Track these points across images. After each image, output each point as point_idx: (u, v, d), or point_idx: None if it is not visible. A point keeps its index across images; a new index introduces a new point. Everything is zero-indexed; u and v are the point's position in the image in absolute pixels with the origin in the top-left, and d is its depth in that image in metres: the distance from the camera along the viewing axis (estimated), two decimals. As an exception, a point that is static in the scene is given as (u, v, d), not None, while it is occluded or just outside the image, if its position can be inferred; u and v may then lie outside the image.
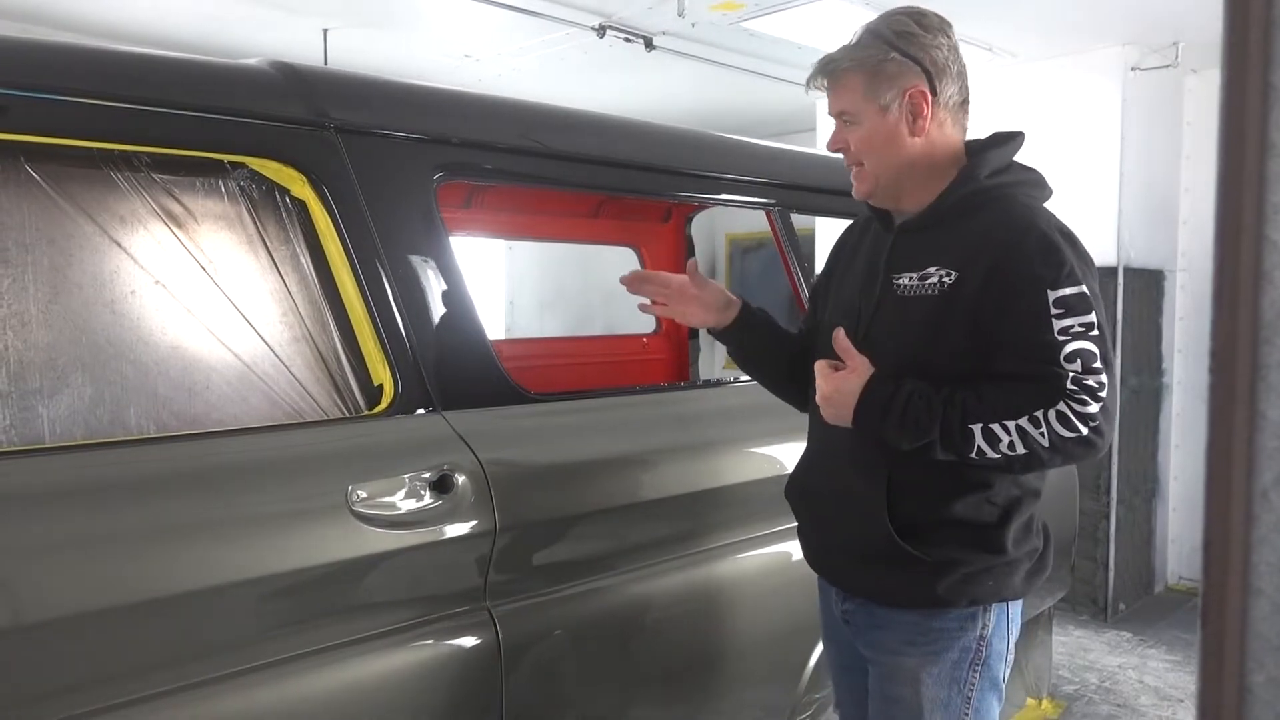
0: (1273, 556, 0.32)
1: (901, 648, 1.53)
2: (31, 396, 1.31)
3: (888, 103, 1.47)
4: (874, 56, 1.47)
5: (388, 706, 1.45)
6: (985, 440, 1.35)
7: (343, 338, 1.59)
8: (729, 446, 2.05)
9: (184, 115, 1.46)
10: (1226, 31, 0.33)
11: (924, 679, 1.51)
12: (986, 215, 1.46)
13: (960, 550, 1.47)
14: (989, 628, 1.51)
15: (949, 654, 1.50)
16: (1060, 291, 1.36)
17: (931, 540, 1.48)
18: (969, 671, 1.50)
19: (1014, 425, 1.34)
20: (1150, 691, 3.69)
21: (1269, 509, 0.32)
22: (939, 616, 1.50)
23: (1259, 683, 0.32)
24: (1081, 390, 1.33)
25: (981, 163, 1.48)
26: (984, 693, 1.52)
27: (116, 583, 1.22)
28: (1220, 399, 0.34)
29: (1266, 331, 0.31)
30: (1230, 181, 0.32)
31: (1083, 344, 1.35)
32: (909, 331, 1.47)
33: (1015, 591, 1.51)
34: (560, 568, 1.69)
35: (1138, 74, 4.33)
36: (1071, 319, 1.35)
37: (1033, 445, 1.34)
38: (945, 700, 1.50)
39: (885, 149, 1.49)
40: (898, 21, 1.49)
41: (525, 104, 2.05)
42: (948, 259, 1.45)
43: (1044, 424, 1.33)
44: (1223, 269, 0.33)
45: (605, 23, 4.03)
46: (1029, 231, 1.40)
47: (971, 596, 1.48)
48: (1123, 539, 4.52)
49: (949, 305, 1.43)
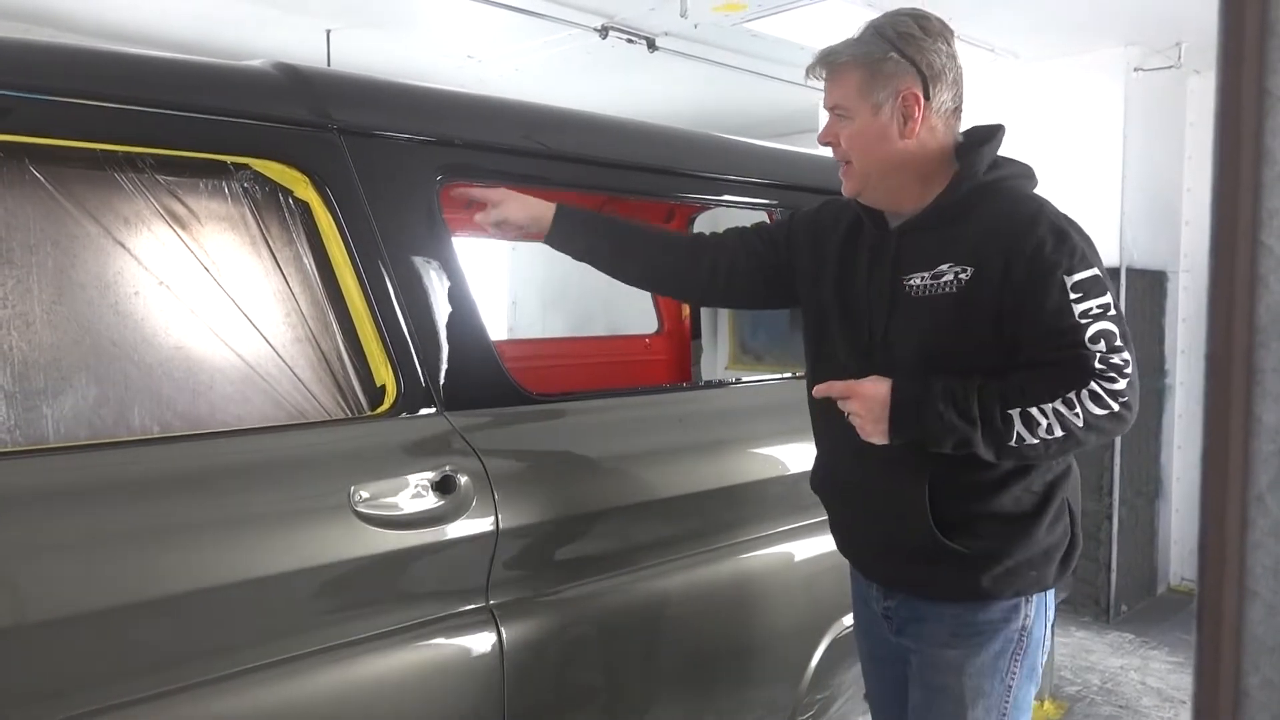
0: (1268, 560, 0.32)
1: (946, 639, 1.55)
2: (36, 397, 1.31)
3: (881, 101, 1.48)
4: (874, 54, 1.48)
5: (390, 707, 1.45)
6: (1024, 425, 1.37)
7: (345, 338, 1.59)
8: (731, 447, 2.06)
9: (187, 117, 1.47)
10: (1222, 37, 0.33)
11: (967, 669, 1.53)
12: (991, 209, 1.48)
13: (1002, 543, 1.50)
14: (1030, 618, 1.54)
15: (992, 645, 1.53)
16: (1076, 276, 1.39)
17: (973, 534, 1.50)
18: (1010, 661, 1.53)
19: (1050, 409, 1.36)
20: (1152, 693, 3.68)
21: (1264, 513, 0.32)
22: (983, 609, 1.52)
23: (1254, 685, 0.32)
24: (1109, 369, 1.37)
25: (978, 159, 1.50)
26: (1023, 681, 1.55)
27: (117, 583, 1.23)
28: (1216, 403, 0.34)
29: (1262, 336, 0.32)
30: (1226, 187, 0.32)
31: (1104, 324, 1.38)
32: (930, 331, 1.48)
33: (1055, 579, 1.54)
34: (562, 568, 1.70)
35: (1140, 75, 4.33)
36: (1089, 301, 1.39)
37: (1070, 426, 1.36)
38: (987, 690, 1.53)
39: (873, 148, 1.50)
40: (901, 22, 1.50)
41: (528, 105, 2.05)
42: (960, 255, 1.46)
43: (1078, 404, 1.36)
44: (1218, 274, 0.33)
45: (608, 24, 4.03)
46: (1038, 221, 1.43)
47: (1016, 588, 1.51)
48: (1125, 540, 4.52)
49: (968, 300, 1.44)
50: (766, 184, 2.37)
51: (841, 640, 2.12)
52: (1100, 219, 4.34)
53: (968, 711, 1.54)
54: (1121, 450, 4.42)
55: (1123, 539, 4.49)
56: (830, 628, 2.12)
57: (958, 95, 1.53)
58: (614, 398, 2.02)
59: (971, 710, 1.54)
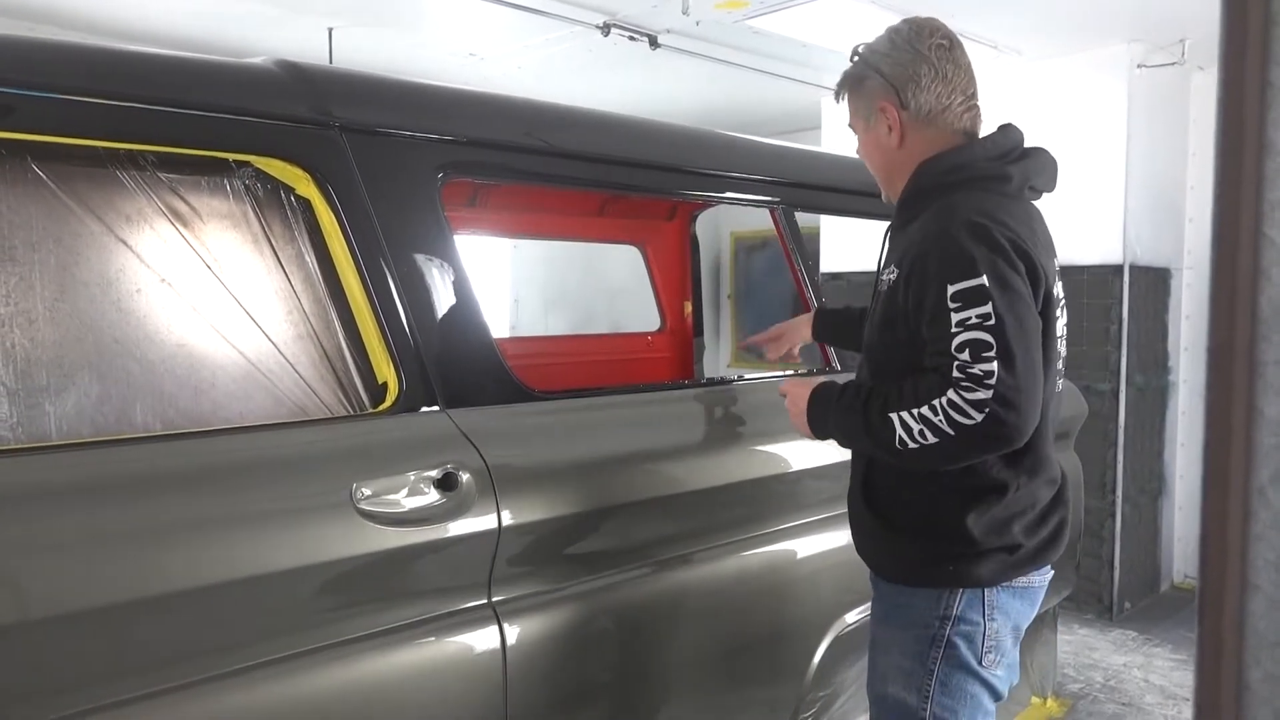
0: (1270, 553, 0.32)
1: (880, 615, 1.68)
2: (38, 394, 1.31)
3: (867, 117, 1.64)
4: (856, 75, 1.64)
5: (392, 704, 1.45)
6: (903, 430, 1.44)
7: (347, 336, 1.59)
8: (733, 444, 2.06)
9: (189, 114, 1.47)
10: (1224, 30, 0.33)
11: (892, 650, 1.63)
12: (924, 215, 1.55)
13: (923, 535, 1.57)
14: (954, 610, 1.55)
15: (912, 630, 1.59)
16: (958, 285, 1.42)
17: (897, 513, 1.61)
18: (933, 649, 1.57)
19: (918, 413, 1.42)
20: (1155, 690, 3.68)
21: (1266, 505, 0.32)
22: (905, 593, 1.60)
23: (1256, 679, 0.32)
24: (968, 379, 1.39)
25: (931, 166, 1.57)
26: (951, 670, 1.56)
27: (118, 580, 1.23)
28: (1218, 396, 0.34)
29: (1264, 328, 0.31)
30: (1228, 180, 0.32)
31: (975, 334, 1.40)
32: (873, 326, 1.64)
33: (978, 580, 1.55)
34: (564, 565, 1.70)
35: (1144, 71, 4.32)
36: (967, 311, 1.41)
37: (940, 433, 1.40)
38: (908, 670, 1.59)
39: (874, 157, 1.68)
40: (879, 39, 1.62)
41: (530, 103, 2.05)
42: (896, 257, 1.58)
43: (941, 412, 1.40)
44: (1220, 267, 0.33)
45: (610, 21, 4.03)
46: (939, 230, 1.48)
47: (931, 579, 1.57)
48: (1128, 537, 4.51)
49: (891, 301, 1.55)
50: (769, 181, 2.37)
51: (844, 637, 2.12)
52: (1103, 216, 4.33)
53: (887, 686, 1.62)
54: (1124, 448, 4.42)
55: (1126, 536, 4.49)
56: (833, 625, 2.12)
57: (951, 92, 1.55)
58: (616, 395, 2.02)
59: (890, 685, 1.61)
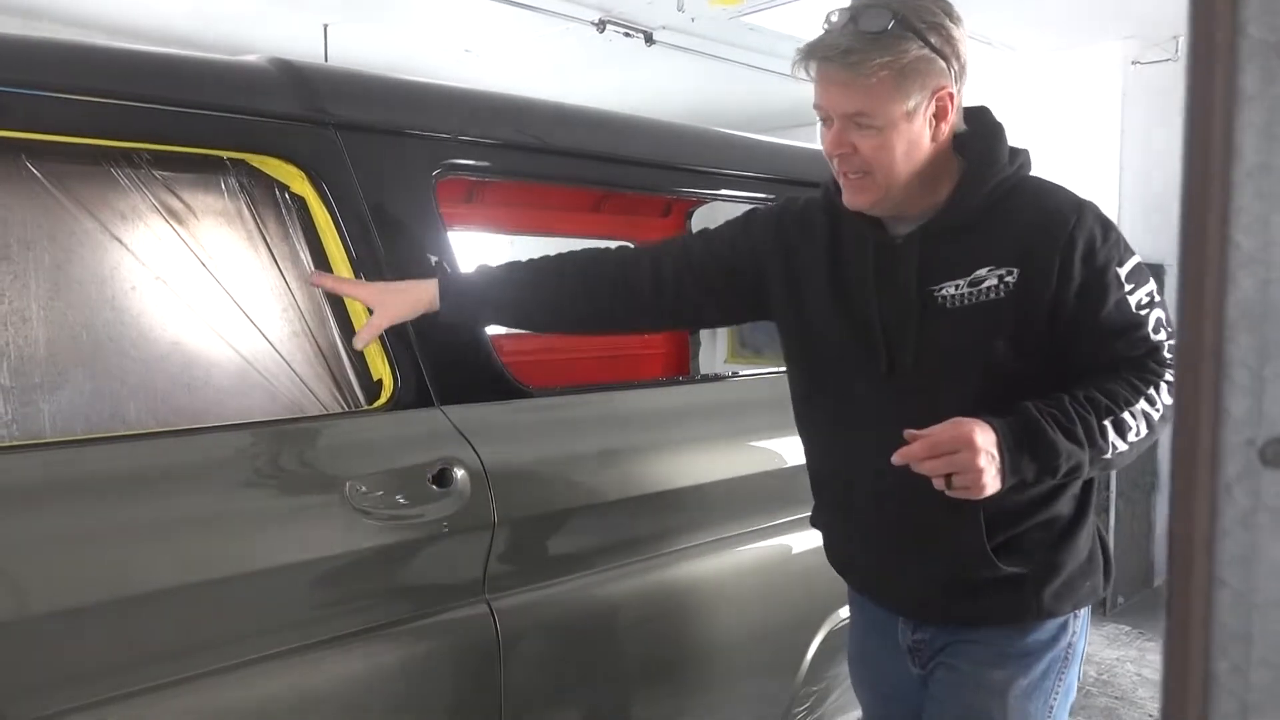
0: (1236, 549, 0.33)
1: (992, 660, 1.42)
2: (32, 392, 1.32)
3: (914, 106, 1.28)
4: (905, 52, 1.25)
5: (386, 700, 1.46)
6: (1117, 434, 1.27)
7: (342, 333, 1.60)
8: (728, 440, 2.06)
9: (183, 112, 1.47)
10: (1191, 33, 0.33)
11: (1012, 691, 1.41)
12: (1020, 204, 1.35)
13: (1055, 556, 1.40)
14: (1077, 633, 1.46)
15: (1039, 665, 1.42)
16: (1126, 267, 1.32)
17: (1025, 552, 1.39)
18: (1055, 681, 1.44)
19: (1138, 410, 1.28)
20: (1148, 684, 3.70)
21: (1232, 503, 0.33)
22: (1036, 629, 1.42)
23: (1223, 670, 0.33)
24: (1171, 360, 1.31)
25: (997, 152, 1.37)
26: (1063, 699, 1.46)
27: (112, 577, 1.23)
28: (1186, 395, 0.34)
29: (1230, 330, 0.32)
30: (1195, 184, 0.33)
31: (1158, 312, 1.33)
32: (979, 342, 1.33)
33: (1103, 586, 1.47)
34: (559, 561, 1.70)
35: (1138, 68, 4.33)
36: (1140, 291, 1.32)
37: (1153, 424, 1.30)
38: (1030, 713, 1.42)
39: (905, 158, 1.31)
40: (926, 10, 1.28)
41: (525, 100, 2.06)
42: (1000, 257, 1.32)
43: (1158, 398, 1.29)
44: (1187, 269, 0.33)
45: (605, 18, 4.03)
46: (1083, 213, 1.32)
47: (1074, 601, 1.42)
48: (1122, 533, 4.53)
49: (1020, 304, 1.31)
50: (764, 178, 2.37)
51: (837, 633, 2.13)
52: (1097, 212, 4.34)
53: None
54: (1118, 443, 4.43)
55: (1119, 532, 4.51)
56: (826, 620, 2.13)
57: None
58: (611, 391, 2.03)
59: None
